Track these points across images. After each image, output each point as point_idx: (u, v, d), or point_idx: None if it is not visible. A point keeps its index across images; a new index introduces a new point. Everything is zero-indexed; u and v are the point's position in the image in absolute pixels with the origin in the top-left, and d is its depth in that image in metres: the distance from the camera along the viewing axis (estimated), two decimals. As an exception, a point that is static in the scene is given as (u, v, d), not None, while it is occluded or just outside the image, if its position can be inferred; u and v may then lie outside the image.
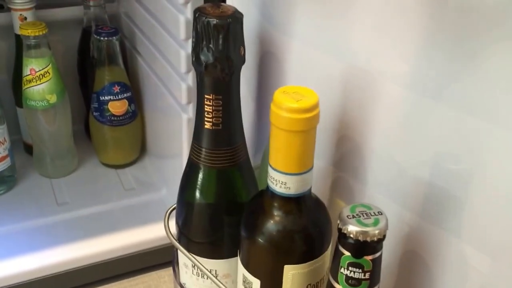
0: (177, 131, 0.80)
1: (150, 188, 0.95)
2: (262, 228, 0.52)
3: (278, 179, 0.51)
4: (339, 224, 0.45)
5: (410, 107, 0.49)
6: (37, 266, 0.77)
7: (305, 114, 0.47)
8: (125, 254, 0.81)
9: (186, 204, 0.62)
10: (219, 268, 0.62)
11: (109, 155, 0.99)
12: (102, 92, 0.93)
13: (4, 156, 0.89)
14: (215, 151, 0.58)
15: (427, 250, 0.51)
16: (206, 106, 0.55)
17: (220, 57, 0.53)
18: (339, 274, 0.46)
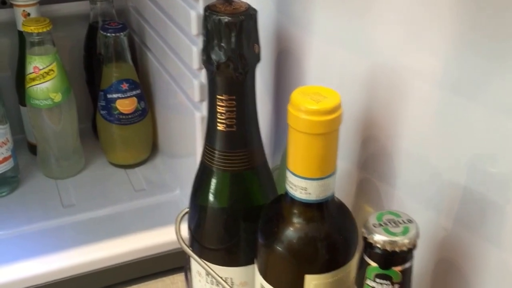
0: (190, 129, 0.79)
1: (162, 188, 0.93)
2: (282, 235, 0.51)
3: (298, 185, 0.49)
4: (365, 233, 0.43)
5: (442, 106, 0.47)
6: (41, 271, 0.76)
7: (326, 116, 0.45)
8: (136, 259, 0.80)
9: (199, 209, 0.61)
10: (235, 276, 0.60)
11: (118, 155, 0.97)
12: (109, 90, 0.92)
13: (6, 157, 0.88)
14: (229, 154, 0.56)
15: (464, 259, 0.49)
16: (218, 107, 0.54)
17: (233, 56, 0.51)
18: (365, 286, 0.44)
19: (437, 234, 0.50)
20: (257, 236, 0.53)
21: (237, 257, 0.60)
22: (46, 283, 0.75)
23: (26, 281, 0.75)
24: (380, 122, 0.54)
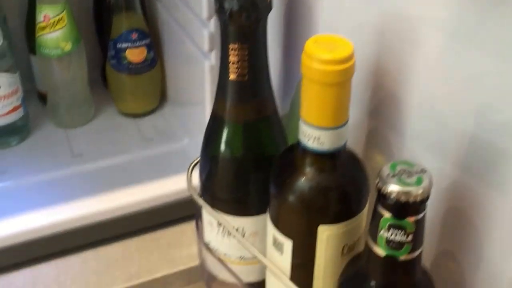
0: (199, 79, 0.78)
1: (171, 138, 0.92)
2: (294, 186, 0.50)
3: (311, 134, 0.48)
4: (379, 183, 0.42)
5: (453, 56, 0.47)
6: (51, 221, 0.75)
7: (340, 65, 0.45)
8: (145, 208, 0.79)
9: (210, 159, 0.60)
10: (246, 225, 0.60)
11: (128, 104, 0.96)
12: (119, 39, 0.90)
13: (16, 106, 0.88)
14: (241, 103, 0.55)
15: (472, 207, 0.48)
16: (231, 56, 0.53)
17: (245, 4, 0.50)
18: (379, 237, 0.44)
19: (445, 182, 0.50)
20: (270, 187, 0.53)
21: (248, 207, 0.60)
22: (55, 233, 0.75)
23: (36, 231, 0.74)
24: (390, 71, 0.53)
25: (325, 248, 0.50)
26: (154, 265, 0.76)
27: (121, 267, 0.76)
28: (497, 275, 0.48)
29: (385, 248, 0.44)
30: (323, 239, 0.50)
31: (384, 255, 0.44)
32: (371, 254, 0.45)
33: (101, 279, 0.74)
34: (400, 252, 0.43)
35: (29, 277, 0.74)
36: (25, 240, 0.73)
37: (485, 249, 0.49)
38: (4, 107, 0.86)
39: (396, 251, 0.43)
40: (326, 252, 0.50)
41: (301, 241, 0.51)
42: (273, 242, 0.54)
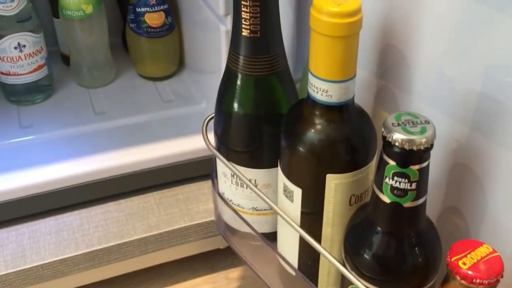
0: (215, 43, 0.77)
1: (189, 101, 0.92)
2: (304, 136, 0.51)
3: (319, 87, 0.48)
4: (384, 132, 0.43)
5: (461, 15, 0.46)
6: (74, 172, 0.76)
7: (348, 18, 0.45)
8: (165, 164, 0.80)
9: (224, 113, 0.61)
10: (258, 177, 0.61)
11: (147, 67, 0.96)
12: (138, 4, 0.90)
13: (41, 64, 0.88)
14: (253, 59, 0.56)
15: (477, 163, 0.48)
16: (243, 12, 0.53)
17: None
18: (384, 184, 0.44)
19: (452, 139, 0.50)
20: (280, 138, 0.53)
21: (261, 160, 0.60)
22: (79, 184, 0.76)
23: (60, 182, 0.76)
24: (399, 31, 0.53)
25: (333, 197, 0.51)
26: (172, 218, 0.77)
27: (141, 218, 0.77)
28: (500, 226, 0.48)
29: (390, 196, 0.44)
30: (331, 188, 0.50)
31: (389, 202, 0.44)
32: (377, 201, 0.45)
33: (122, 229, 0.75)
34: (404, 199, 0.44)
35: (55, 224, 0.76)
36: (50, 190, 0.75)
37: (489, 202, 0.49)
38: (29, 65, 0.86)
39: (400, 198, 0.44)
40: (334, 201, 0.51)
41: (310, 190, 0.52)
42: (284, 191, 0.54)
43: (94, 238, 0.74)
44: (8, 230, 0.75)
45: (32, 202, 0.75)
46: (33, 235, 0.74)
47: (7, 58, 0.85)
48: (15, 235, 0.74)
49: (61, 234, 0.74)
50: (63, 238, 0.74)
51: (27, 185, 0.74)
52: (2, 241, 0.73)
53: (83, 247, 0.73)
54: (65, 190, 0.76)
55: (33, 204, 0.75)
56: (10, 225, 0.75)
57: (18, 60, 0.85)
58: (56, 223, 0.76)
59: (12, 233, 0.74)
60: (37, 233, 0.74)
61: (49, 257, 0.72)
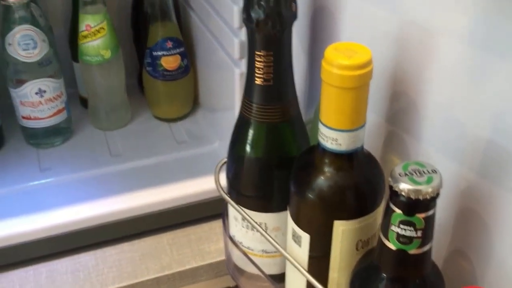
0: (229, 85, 0.79)
1: (203, 141, 0.93)
2: (313, 184, 0.52)
3: (329, 136, 0.49)
4: (391, 181, 0.44)
5: (470, 64, 0.47)
6: (91, 214, 0.78)
7: (358, 70, 0.46)
8: (177, 205, 0.81)
9: (236, 158, 0.62)
10: (268, 221, 0.61)
11: (162, 109, 0.98)
12: (155, 48, 0.92)
13: (61, 109, 0.90)
14: (265, 106, 0.57)
15: (485, 208, 0.49)
16: (257, 62, 0.54)
17: (271, 14, 0.52)
18: (390, 232, 0.45)
19: (459, 184, 0.50)
20: (290, 184, 0.54)
21: (271, 204, 0.61)
22: (94, 226, 0.78)
23: (76, 224, 0.77)
24: (409, 78, 0.54)
25: (340, 242, 0.51)
26: (184, 258, 0.78)
27: (154, 258, 0.78)
28: (507, 273, 0.48)
29: (396, 243, 0.45)
30: (338, 234, 0.51)
31: (394, 249, 0.45)
32: (382, 248, 0.46)
33: (136, 269, 0.76)
34: (410, 246, 0.44)
35: (71, 264, 0.77)
36: (67, 231, 0.76)
37: (496, 248, 0.49)
38: (50, 109, 0.88)
39: (406, 246, 0.44)
40: (341, 246, 0.52)
41: (318, 235, 0.53)
42: (292, 235, 0.55)
43: (109, 278, 0.75)
44: (26, 270, 0.76)
45: (50, 243, 0.76)
46: (50, 275, 0.75)
47: (28, 103, 0.86)
48: (33, 275, 0.75)
49: (77, 274, 0.75)
50: (79, 278, 0.75)
51: (46, 227, 0.76)
52: (21, 281, 0.75)
53: (98, 287, 0.74)
54: (81, 231, 0.77)
55: (51, 245, 0.76)
56: (28, 265, 0.76)
57: (38, 105, 0.87)
58: (72, 263, 0.77)
59: (30, 273, 0.75)
60: (54, 273, 0.76)
61: None
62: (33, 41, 0.83)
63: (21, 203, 0.79)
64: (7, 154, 0.90)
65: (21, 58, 0.83)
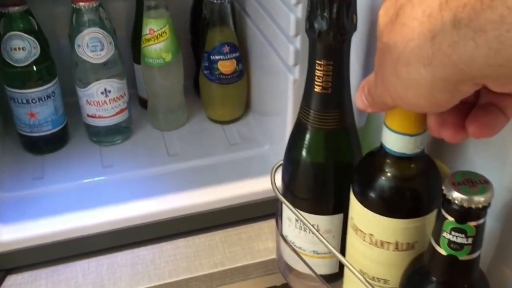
0: (282, 90, 0.81)
1: (254, 143, 0.96)
2: (375, 184, 0.54)
3: (393, 139, 0.51)
4: (444, 190, 0.45)
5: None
6: (149, 211, 0.80)
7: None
8: (230, 205, 0.83)
9: (293, 162, 0.64)
10: (321, 223, 0.64)
11: (216, 111, 1.01)
12: (212, 52, 0.94)
13: (123, 108, 0.93)
14: (323, 114, 0.59)
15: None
16: (317, 71, 0.56)
17: (334, 25, 0.54)
18: (441, 238, 0.47)
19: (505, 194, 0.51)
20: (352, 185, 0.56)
21: (324, 207, 0.63)
22: (152, 222, 0.80)
23: (135, 219, 0.80)
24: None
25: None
26: (236, 255, 0.80)
27: (207, 255, 0.80)
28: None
29: (446, 249, 0.47)
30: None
31: (445, 254, 0.47)
32: (433, 253, 0.48)
33: (190, 264, 0.79)
34: (460, 252, 0.46)
35: (130, 257, 0.80)
36: (127, 226, 0.79)
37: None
38: (113, 109, 0.91)
39: (457, 252, 0.46)
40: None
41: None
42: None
43: (165, 272, 0.78)
44: (89, 261, 0.79)
45: (111, 237, 0.79)
46: (111, 267, 0.78)
47: (94, 102, 0.89)
48: (95, 266, 0.78)
49: (136, 267, 0.78)
50: (138, 270, 0.78)
51: (107, 221, 0.79)
52: (83, 271, 0.78)
53: (155, 280, 0.77)
54: (140, 227, 0.80)
55: (112, 238, 0.79)
56: (91, 257, 0.80)
57: (103, 104, 0.90)
58: (131, 257, 0.80)
59: (92, 264, 0.79)
60: (115, 265, 0.79)
61: (125, 287, 0.76)
62: (101, 43, 0.86)
63: (84, 198, 0.82)
64: (72, 150, 0.93)
65: (89, 59, 0.86)
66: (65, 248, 0.78)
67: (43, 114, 0.89)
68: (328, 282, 0.65)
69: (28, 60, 0.85)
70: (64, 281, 0.77)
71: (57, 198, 0.83)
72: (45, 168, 0.89)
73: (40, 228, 0.77)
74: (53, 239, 0.77)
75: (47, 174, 0.88)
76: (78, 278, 0.77)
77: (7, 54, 0.84)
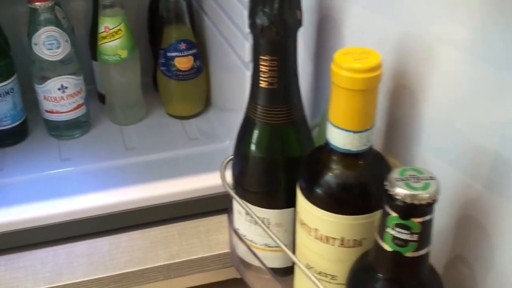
0: (240, 86, 0.77)
1: (214, 139, 0.91)
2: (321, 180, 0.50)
3: (337, 136, 0.47)
4: (387, 185, 0.41)
5: (472, 74, 0.44)
6: (105, 202, 0.77)
7: (368, 73, 0.44)
8: (187, 198, 0.79)
9: (241, 157, 0.60)
10: (271, 217, 0.60)
11: (175, 107, 0.96)
12: (169, 49, 0.90)
13: (80, 104, 0.89)
14: (269, 109, 0.55)
15: (486, 216, 0.46)
16: (261, 66, 0.53)
17: (275, 21, 0.50)
18: (386, 234, 0.43)
19: (460, 192, 0.48)
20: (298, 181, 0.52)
21: (274, 201, 0.59)
22: (109, 213, 0.76)
23: (92, 210, 0.76)
24: (409, 86, 0.51)
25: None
26: (192, 248, 0.76)
27: (163, 247, 0.76)
28: (507, 280, 0.46)
29: (391, 245, 0.43)
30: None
31: (390, 251, 0.43)
32: (378, 249, 0.44)
33: (146, 256, 0.75)
34: (406, 249, 0.42)
35: (86, 248, 0.76)
36: (84, 217, 0.76)
37: (496, 255, 0.46)
38: (70, 104, 0.87)
39: (401, 248, 0.42)
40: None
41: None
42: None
43: (121, 262, 0.74)
44: (46, 251, 0.75)
45: (68, 227, 0.75)
46: (68, 256, 0.75)
47: (51, 98, 0.86)
48: (53, 255, 0.75)
49: (93, 257, 0.75)
50: (94, 260, 0.74)
51: (64, 212, 0.75)
52: (41, 259, 0.74)
53: (111, 270, 0.73)
54: (97, 218, 0.76)
55: (69, 229, 0.76)
56: (48, 246, 0.76)
57: (60, 100, 0.86)
58: (88, 247, 0.76)
59: (50, 253, 0.75)
60: (71, 254, 0.75)
61: (81, 276, 0.72)
62: (57, 41, 0.82)
63: (42, 190, 0.79)
64: (31, 144, 0.90)
65: (45, 57, 0.83)
66: (23, 237, 0.75)
67: (2, 109, 0.86)
68: (282, 276, 0.61)
69: (-14, 59, 0.81)
70: (23, 268, 0.73)
71: (16, 190, 0.79)
72: (5, 161, 0.85)
73: (-3, 217, 0.73)
74: (11, 228, 0.74)
75: (6, 166, 0.84)
76: (36, 266, 0.73)
77: (-34, 53, 0.80)
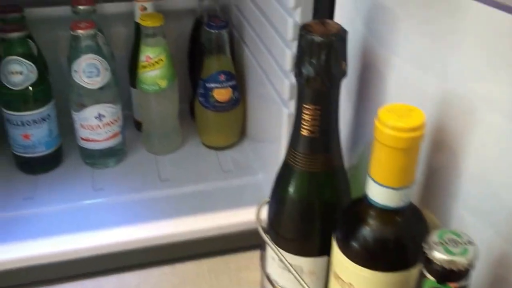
0: (277, 122, 0.79)
1: (247, 171, 0.93)
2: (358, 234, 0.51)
3: (377, 191, 0.49)
4: (425, 248, 0.43)
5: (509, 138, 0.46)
6: (137, 236, 0.78)
7: (410, 133, 0.45)
8: (219, 234, 0.81)
9: (278, 201, 0.61)
10: (304, 265, 0.61)
11: (211, 137, 0.99)
12: (209, 80, 0.93)
13: (116, 132, 0.91)
14: (309, 157, 0.56)
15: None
16: (304, 114, 0.54)
17: (321, 72, 0.52)
18: (422, 296, 0.44)
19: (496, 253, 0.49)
20: (335, 233, 0.54)
21: (308, 249, 0.60)
22: (140, 247, 0.78)
23: (123, 244, 0.78)
24: (449, 141, 0.53)
25: None
26: (223, 285, 0.78)
27: (193, 283, 0.78)
28: None
29: (427, 307, 0.44)
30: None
31: (426, 313, 0.44)
32: (415, 310, 0.45)
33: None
34: (441, 312, 0.44)
35: (115, 282, 0.77)
36: (113, 251, 0.77)
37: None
38: (106, 133, 0.89)
39: (437, 311, 0.44)
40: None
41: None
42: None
43: (150, 299, 0.75)
44: (74, 285, 0.77)
45: (97, 261, 0.77)
46: (96, 291, 0.76)
47: (87, 126, 0.88)
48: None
49: (121, 292, 0.76)
50: (122, 296, 0.76)
51: (94, 246, 0.77)
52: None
53: (140, 306, 0.75)
54: (126, 252, 0.78)
55: (98, 263, 0.77)
56: (76, 280, 0.77)
57: (97, 128, 0.88)
58: (117, 281, 0.78)
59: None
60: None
61: None
62: (97, 69, 0.84)
63: (72, 220, 0.81)
64: (65, 171, 0.92)
65: (84, 85, 0.85)
66: (51, 271, 0.76)
67: (37, 136, 0.88)
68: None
69: (24, 84, 0.84)
70: (51, 302, 0.74)
71: (45, 220, 0.81)
72: (37, 189, 0.88)
73: (26, 250, 0.75)
74: (39, 261, 0.75)
75: (37, 195, 0.87)
76: (64, 301, 0.74)
77: (5, 78, 0.83)
